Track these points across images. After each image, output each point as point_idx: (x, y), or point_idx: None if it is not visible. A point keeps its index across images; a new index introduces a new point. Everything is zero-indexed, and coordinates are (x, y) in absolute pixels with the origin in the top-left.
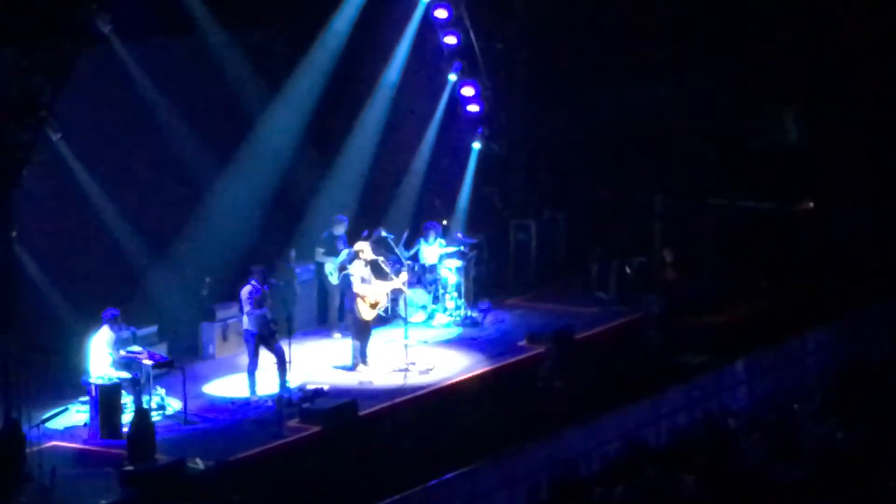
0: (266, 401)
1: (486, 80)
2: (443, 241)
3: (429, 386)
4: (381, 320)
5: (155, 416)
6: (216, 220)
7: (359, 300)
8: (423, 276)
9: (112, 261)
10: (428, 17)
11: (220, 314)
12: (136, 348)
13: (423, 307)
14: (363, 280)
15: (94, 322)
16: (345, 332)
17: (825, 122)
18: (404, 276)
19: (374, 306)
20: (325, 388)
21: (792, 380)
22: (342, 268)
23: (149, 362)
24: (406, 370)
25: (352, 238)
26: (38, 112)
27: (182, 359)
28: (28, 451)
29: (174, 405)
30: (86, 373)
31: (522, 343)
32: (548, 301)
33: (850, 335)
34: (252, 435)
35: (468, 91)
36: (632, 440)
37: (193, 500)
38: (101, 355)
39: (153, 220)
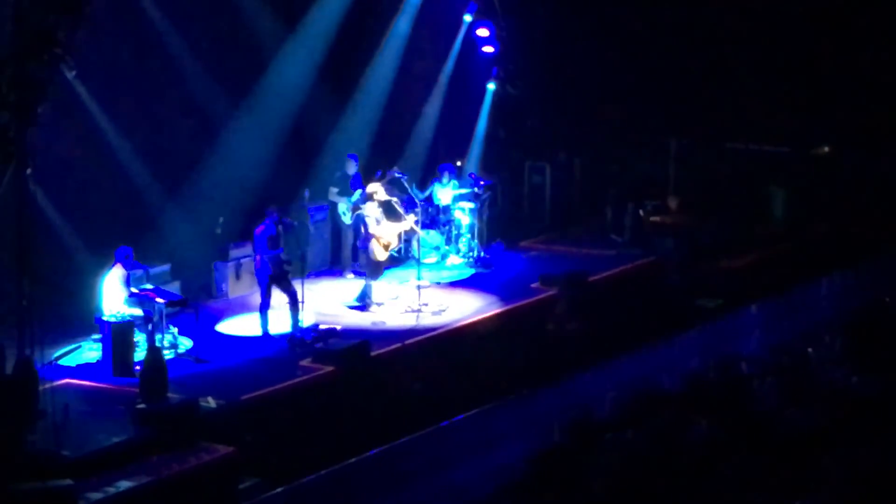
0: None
1: (501, 21)
2: (457, 183)
3: (441, 327)
4: (395, 261)
5: (167, 355)
6: (230, 158)
7: (373, 241)
8: (436, 217)
9: (126, 199)
10: None
11: (234, 253)
12: (148, 286)
13: (437, 248)
14: (377, 221)
15: (107, 260)
16: (357, 272)
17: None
18: (413, 217)
19: (386, 247)
20: (338, 328)
21: (807, 324)
22: (355, 207)
23: (161, 301)
24: (419, 311)
25: (366, 178)
26: (53, 50)
27: (195, 297)
28: (41, 388)
29: (187, 343)
30: (98, 311)
31: (535, 285)
32: (562, 243)
33: (866, 280)
34: (264, 374)
35: (483, 32)
36: (645, 383)
37: (205, 439)
38: (113, 293)
39: (167, 158)
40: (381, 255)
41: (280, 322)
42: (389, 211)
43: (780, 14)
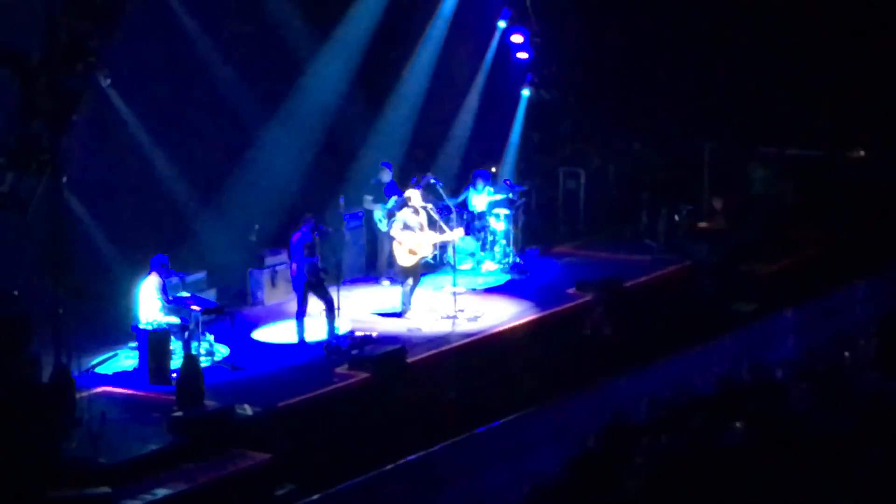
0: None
1: (535, 27)
2: (491, 189)
3: (477, 333)
4: (430, 267)
5: (203, 362)
6: (265, 166)
7: (395, 245)
8: (471, 224)
9: (161, 207)
10: None
11: (269, 260)
12: (184, 294)
13: (472, 255)
14: (406, 226)
15: (143, 268)
16: (393, 278)
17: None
18: (460, 231)
19: (413, 253)
20: (374, 334)
21: (842, 328)
22: (391, 214)
23: (197, 308)
24: (454, 318)
25: (401, 184)
26: (87, 58)
27: (231, 305)
28: (77, 396)
29: (223, 351)
30: (135, 319)
31: (571, 291)
32: (596, 249)
33: None
34: (300, 381)
35: (517, 38)
36: (680, 388)
37: (241, 446)
38: (150, 301)
39: (202, 166)
40: (402, 259)
41: (316, 329)
42: (425, 217)
43: (814, 17)
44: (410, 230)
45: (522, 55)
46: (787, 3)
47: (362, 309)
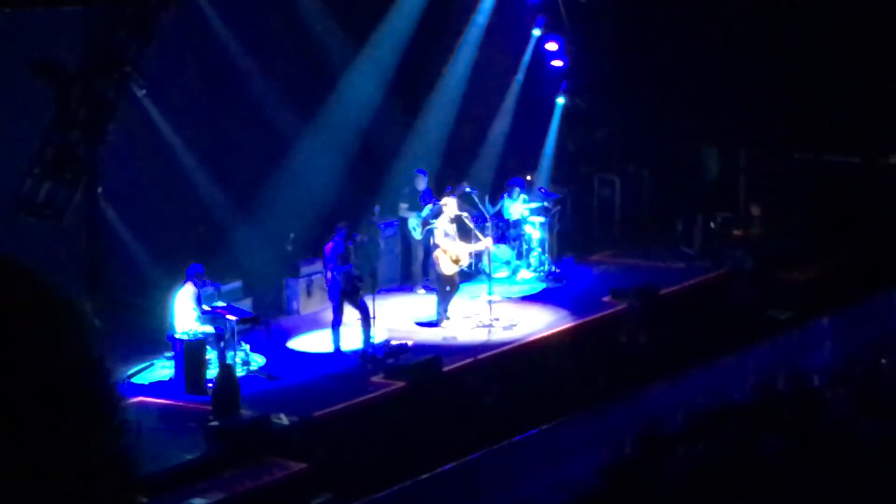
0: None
1: (570, 35)
2: (526, 197)
3: (513, 342)
4: (465, 276)
5: (239, 372)
6: (300, 175)
7: (439, 253)
8: (506, 232)
9: (197, 216)
10: None
11: (305, 270)
12: (220, 303)
13: (507, 263)
14: (446, 234)
15: (178, 278)
16: (429, 287)
17: None
18: (489, 240)
19: (456, 262)
20: (409, 343)
21: (879, 335)
22: (426, 222)
23: (233, 318)
24: (490, 326)
25: (436, 193)
26: (122, 68)
27: (266, 314)
28: None
29: (258, 360)
30: (170, 328)
31: (607, 299)
32: (632, 256)
33: None
34: (336, 390)
35: (552, 46)
36: (716, 396)
37: (278, 455)
38: (185, 311)
39: (238, 175)
40: (446, 268)
41: (351, 338)
42: (460, 226)
43: (849, 24)
44: (450, 238)
45: (557, 63)
46: (825, 9)
47: (398, 318)
